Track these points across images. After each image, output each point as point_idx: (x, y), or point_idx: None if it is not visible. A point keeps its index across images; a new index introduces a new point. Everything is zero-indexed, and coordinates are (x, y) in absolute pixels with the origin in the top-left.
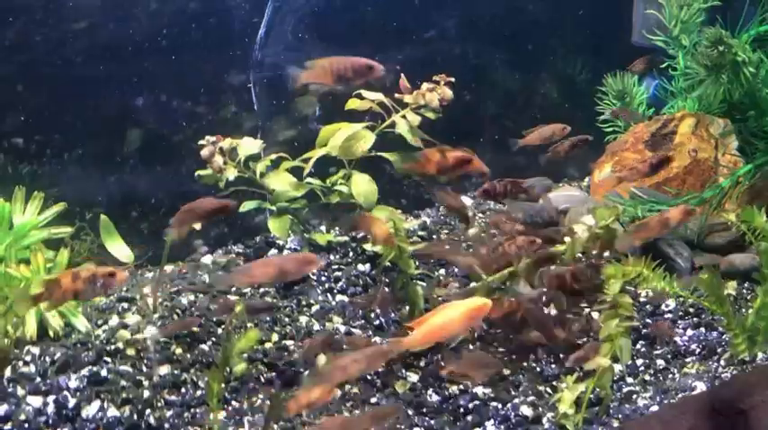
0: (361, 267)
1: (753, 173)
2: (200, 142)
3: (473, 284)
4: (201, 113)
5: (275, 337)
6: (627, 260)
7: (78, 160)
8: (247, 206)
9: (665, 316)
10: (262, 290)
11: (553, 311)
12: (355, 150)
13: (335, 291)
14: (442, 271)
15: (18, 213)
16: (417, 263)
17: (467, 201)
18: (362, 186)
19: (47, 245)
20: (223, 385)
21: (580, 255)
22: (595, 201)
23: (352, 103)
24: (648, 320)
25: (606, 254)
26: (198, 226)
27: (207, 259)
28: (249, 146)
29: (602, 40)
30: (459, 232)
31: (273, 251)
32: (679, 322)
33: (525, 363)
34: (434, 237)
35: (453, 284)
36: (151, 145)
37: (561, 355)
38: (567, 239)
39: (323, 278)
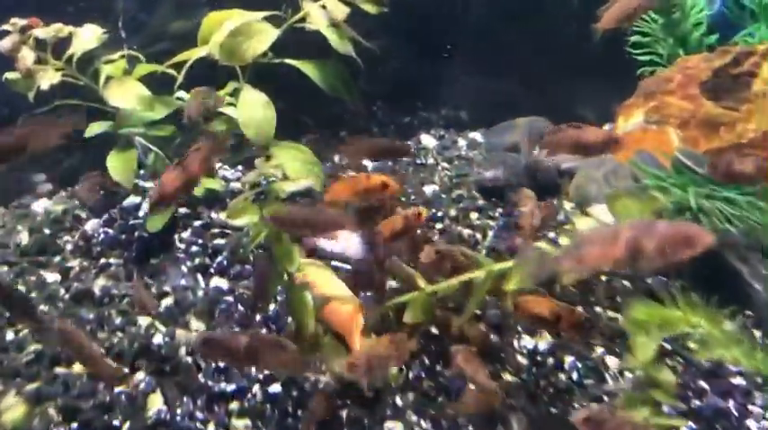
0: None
1: None
2: (3, 27)
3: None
4: None
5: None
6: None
7: None
8: (93, 129)
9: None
10: (102, 261)
11: None
12: (244, 52)
13: (211, 270)
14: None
15: None
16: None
17: (429, 140)
18: (252, 109)
19: None
20: None
21: None
22: (616, 162)
23: None
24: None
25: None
26: None
27: (39, 205)
28: (88, 36)
29: None
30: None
31: (133, 200)
32: (754, 397)
33: None
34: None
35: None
36: None
37: None
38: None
39: (193, 248)
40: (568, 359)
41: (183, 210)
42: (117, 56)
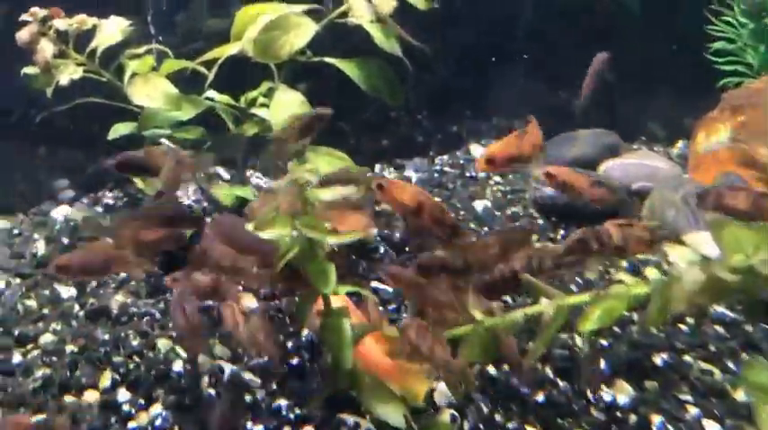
0: None
1: None
2: (22, 17)
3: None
4: None
5: (106, 379)
6: None
7: None
8: (118, 130)
9: None
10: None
11: None
12: (279, 48)
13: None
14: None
15: None
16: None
17: (480, 151)
18: (286, 111)
19: None
20: None
21: None
22: (696, 183)
23: None
24: None
25: None
26: None
27: (59, 212)
28: (112, 29)
29: None
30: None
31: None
32: None
33: None
34: None
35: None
36: None
37: None
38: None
39: None
40: (656, 419)
41: (210, 220)
42: (143, 50)
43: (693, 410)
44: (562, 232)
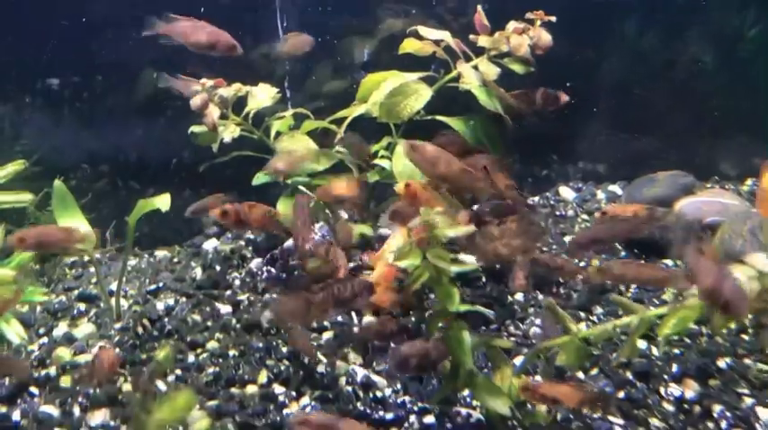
0: None
1: None
2: (194, 87)
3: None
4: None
5: (263, 377)
6: None
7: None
8: (260, 179)
9: None
10: (266, 297)
11: None
12: (401, 110)
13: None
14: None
15: None
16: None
17: (568, 192)
18: (406, 161)
19: (6, 214)
20: None
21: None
22: (763, 217)
23: (409, 45)
24: None
25: None
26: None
27: (209, 244)
28: (262, 95)
29: None
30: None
31: (291, 242)
32: None
33: None
34: None
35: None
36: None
37: None
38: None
39: None
40: (717, 408)
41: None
42: (288, 113)
43: (749, 401)
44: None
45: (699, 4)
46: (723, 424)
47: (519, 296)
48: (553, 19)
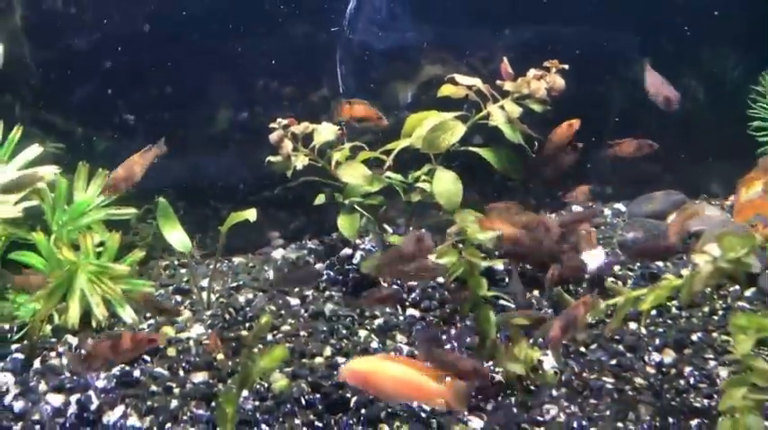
0: (440, 278)
1: None
2: (271, 125)
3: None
4: (286, 96)
5: (328, 351)
6: None
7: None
8: (320, 199)
9: None
10: (327, 293)
11: None
12: (440, 143)
13: (407, 303)
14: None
15: (80, 191)
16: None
17: (579, 209)
18: (444, 185)
19: (111, 226)
20: (257, 403)
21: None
22: (738, 224)
23: (446, 90)
24: None
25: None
26: None
27: (277, 253)
28: (326, 132)
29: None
30: None
31: (347, 250)
32: None
33: None
34: None
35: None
36: (231, 128)
37: None
38: (683, 273)
39: (393, 286)
40: (687, 369)
41: None
42: (347, 146)
43: (712, 363)
44: (638, 264)
45: (693, 51)
46: (692, 380)
47: (536, 292)
48: (566, 66)
